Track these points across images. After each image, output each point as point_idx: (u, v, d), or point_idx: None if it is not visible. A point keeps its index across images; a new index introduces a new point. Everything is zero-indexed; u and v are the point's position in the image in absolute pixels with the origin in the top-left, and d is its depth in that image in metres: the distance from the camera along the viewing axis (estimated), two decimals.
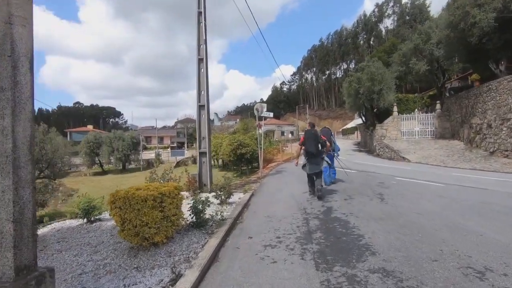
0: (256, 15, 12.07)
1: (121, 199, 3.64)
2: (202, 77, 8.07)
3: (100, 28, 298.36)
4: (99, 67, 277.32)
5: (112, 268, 3.41)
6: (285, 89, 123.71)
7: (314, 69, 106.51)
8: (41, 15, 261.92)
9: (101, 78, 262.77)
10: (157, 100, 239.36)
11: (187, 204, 4.83)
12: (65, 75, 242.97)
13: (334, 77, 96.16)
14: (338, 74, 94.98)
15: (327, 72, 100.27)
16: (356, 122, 49.62)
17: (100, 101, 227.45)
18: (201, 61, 8.17)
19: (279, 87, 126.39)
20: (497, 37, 15.53)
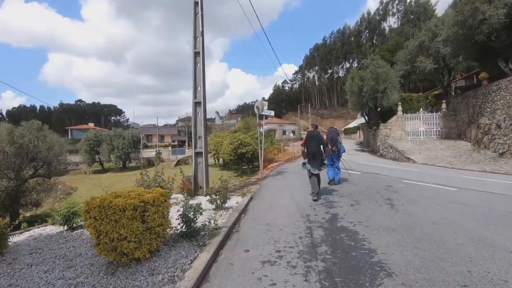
0: (259, 13, 11.57)
1: (96, 208, 3.14)
2: (199, 72, 7.53)
3: (102, 26, 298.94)
4: (101, 65, 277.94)
5: None
6: (287, 88, 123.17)
7: (317, 68, 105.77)
8: (44, 13, 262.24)
9: (103, 76, 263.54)
10: (159, 98, 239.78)
11: (177, 212, 4.33)
12: (67, 73, 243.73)
13: (337, 76, 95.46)
14: (341, 73, 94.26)
15: (330, 71, 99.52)
16: (359, 122, 49.02)
17: (102, 99, 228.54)
18: (198, 55, 7.63)
19: (281, 86, 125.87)
20: (507, 34, 14.97)
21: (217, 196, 5.68)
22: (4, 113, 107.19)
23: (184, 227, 4.12)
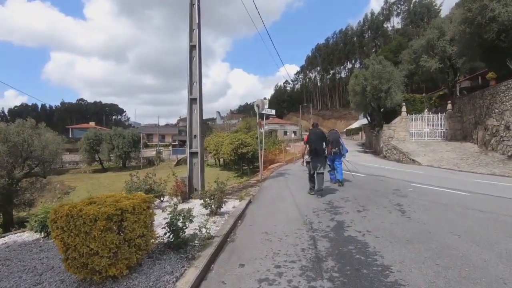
0: (261, 13, 11.15)
1: (64, 218, 2.67)
2: (195, 67, 7.05)
3: (105, 25, 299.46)
4: (103, 64, 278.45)
5: None
6: (289, 89, 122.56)
7: (318, 69, 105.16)
8: (46, 11, 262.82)
9: (105, 75, 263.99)
10: (160, 98, 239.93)
11: (166, 218, 3.84)
12: (69, 72, 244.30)
13: (339, 77, 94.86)
14: (343, 74, 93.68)
15: (332, 72, 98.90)
16: (361, 123, 48.48)
17: (104, 98, 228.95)
18: (194, 48, 7.14)
19: (283, 86, 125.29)
20: None
21: (212, 201, 5.18)
22: (6, 112, 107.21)
23: (172, 237, 3.64)
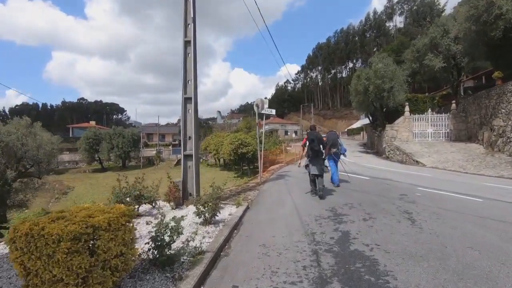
0: (263, 13, 10.79)
1: (23, 238, 2.27)
2: (189, 63, 6.61)
3: (106, 25, 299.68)
4: (104, 64, 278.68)
5: None
6: (289, 88, 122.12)
7: (320, 68, 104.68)
8: (48, 10, 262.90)
9: (106, 75, 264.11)
10: (161, 97, 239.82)
11: (153, 229, 3.43)
12: (71, 71, 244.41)
13: (340, 77, 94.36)
14: (344, 74, 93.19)
15: (333, 71, 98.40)
16: (362, 122, 48.04)
17: (105, 98, 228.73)
18: (188, 44, 6.70)
19: (283, 86, 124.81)
20: None
21: (206, 208, 4.76)
22: (7, 111, 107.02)
23: (156, 253, 3.23)
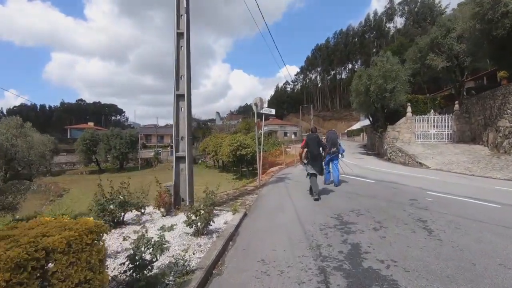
0: (263, 13, 10.34)
1: None
2: (182, 57, 6.11)
3: (105, 26, 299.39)
4: (103, 65, 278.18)
5: None
6: (289, 89, 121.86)
7: (319, 69, 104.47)
8: (47, 11, 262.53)
9: (105, 76, 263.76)
10: (160, 99, 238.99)
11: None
12: (70, 72, 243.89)
13: (339, 78, 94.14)
14: (343, 75, 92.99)
15: (332, 73, 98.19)
16: (362, 124, 47.62)
17: (104, 99, 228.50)
18: (181, 36, 6.21)
19: (283, 87, 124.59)
20: None
21: (198, 217, 4.23)
22: (5, 112, 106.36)
23: (135, 275, 2.70)
